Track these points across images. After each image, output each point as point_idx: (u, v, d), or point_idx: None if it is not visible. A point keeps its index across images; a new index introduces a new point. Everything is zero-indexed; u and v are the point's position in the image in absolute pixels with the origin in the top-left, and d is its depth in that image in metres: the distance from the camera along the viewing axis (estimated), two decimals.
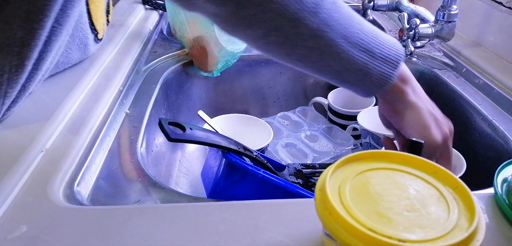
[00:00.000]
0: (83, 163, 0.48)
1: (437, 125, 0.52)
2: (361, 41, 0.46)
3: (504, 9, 0.77)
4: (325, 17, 0.44)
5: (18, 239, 0.36)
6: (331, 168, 0.32)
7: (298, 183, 0.55)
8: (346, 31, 0.45)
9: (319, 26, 0.43)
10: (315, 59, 0.46)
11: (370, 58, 0.47)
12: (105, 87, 0.63)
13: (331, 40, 0.44)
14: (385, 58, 0.48)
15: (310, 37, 0.44)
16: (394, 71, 0.48)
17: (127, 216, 0.39)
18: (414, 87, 0.52)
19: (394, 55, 0.48)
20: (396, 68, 0.49)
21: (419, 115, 0.51)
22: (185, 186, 0.75)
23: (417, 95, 0.52)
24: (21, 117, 0.53)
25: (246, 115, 0.77)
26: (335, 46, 0.45)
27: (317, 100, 0.87)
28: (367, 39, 0.47)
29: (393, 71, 0.48)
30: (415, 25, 0.79)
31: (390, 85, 0.49)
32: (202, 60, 0.81)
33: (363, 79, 0.48)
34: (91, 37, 0.67)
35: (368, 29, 0.47)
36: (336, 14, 0.44)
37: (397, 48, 0.49)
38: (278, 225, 0.37)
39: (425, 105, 0.52)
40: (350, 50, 0.46)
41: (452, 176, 0.32)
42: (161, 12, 1.04)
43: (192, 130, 0.45)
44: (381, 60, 0.48)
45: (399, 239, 0.27)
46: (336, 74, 0.48)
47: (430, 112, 0.52)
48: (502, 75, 0.70)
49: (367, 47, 0.47)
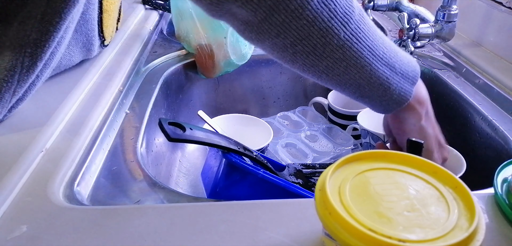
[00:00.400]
0: (83, 163, 0.48)
1: (439, 150, 0.52)
2: (384, 55, 0.46)
3: (504, 9, 0.77)
4: (354, 28, 0.43)
5: (18, 239, 0.36)
6: (331, 168, 0.32)
7: (298, 183, 0.55)
8: (372, 44, 0.44)
9: (349, 38, 0.43)
10: (340, 71, 0.45)
11: (392, 72, 0.46)
12: (105, 87, 0.63)
13: (358, 52, 0.44)
14: (404, 74, 0.47)
15: (338, 48, 0.43)
16: (412, 88, 0.48)
17: (127, 216, 0.39)
18: (428, 111, 0.52)
19: (412, 72, 0.48)
20: (413, 85, 0.48)
21: (426, 141, 0.50)
22: (185, 186, 0.75)
23: (428, 120, 0.52)
24: (21, 117, 0.53)
25: (246, 115, 0.77)
26: (362, 58, 0.44)
27: (317, 100, 0.87)
28: (389, 54, 0.46)
29: (411, 88, 0.48)
30: (415, 25, 0.79)
31: (408, 103, 0.49)
32: (206, 67, 0.81)
33: (384, 95, 0.47)
34: (97, 43, 0.67)
35: (388, 43, 0.47)
36: (364, 26, 0.44)
37: (414, 65, 0.49)
38: (278, 225, 0.37)
39: (434, 132, 0.52)
40: (374, 63, 0.45)
41: (452, 176, 0.32)
42: (161, 12, 1.04)
43: (192, 130, 0.45)
44: (400, 76, 0.47)
45: (399, 239, 0.27)
46: (358, 89, 0.47)
47: (436, 138, 0.53)
48: (502, 75, 0.70)
49: (389, 62, 0.46)
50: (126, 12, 0.94)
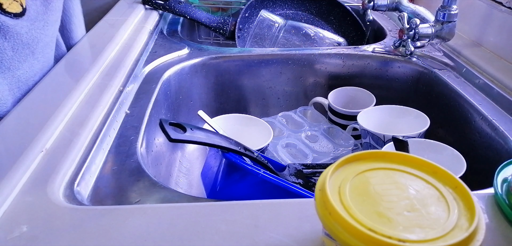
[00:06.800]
0: (83, 163, 0.48)
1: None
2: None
3: (504, 9, 0.77)
4: None
5: (18, 239, 0.36)
6: (331, 168, 0.32)
7: (298, 183, 0.55)
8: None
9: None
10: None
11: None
12: (105, 87, 0.63)
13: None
14: None
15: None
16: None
17: (127, 216, 0.39)
18: None
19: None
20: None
21: None
22: (185, 186, 0.75)
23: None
24: (21, 117, 0.53)
25: (246, 116, 0.77)
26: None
27: (317, 100, 0.87)
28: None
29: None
30: (415, 25, 0.80)
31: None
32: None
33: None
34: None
35: None
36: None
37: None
38: (278, 225, 0.37)
39: None
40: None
41: (452, 176, 0.32)
42: (161, 12, 1.04)
43: (193, 130, 0.45)
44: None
45: (399, 239, 0.27)
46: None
47: None
48: (502, 75, 0.70)
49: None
50: (125, 12, 0.94)
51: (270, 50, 0.90)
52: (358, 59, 0.88)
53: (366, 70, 0.88)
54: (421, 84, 0.84)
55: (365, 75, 0.88)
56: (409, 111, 0.73)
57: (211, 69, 0.87)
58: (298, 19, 1.09)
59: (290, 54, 0.88)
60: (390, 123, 0.73)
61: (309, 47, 0.93)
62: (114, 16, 0.92)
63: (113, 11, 0.96)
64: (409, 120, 0.72)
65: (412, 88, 0.86)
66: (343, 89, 0.84)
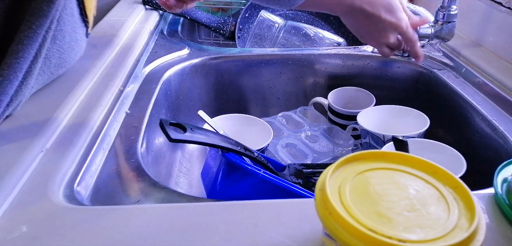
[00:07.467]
0: (83, 163, 0.48)
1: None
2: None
3: (504, 9, 0.77)
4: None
5: (18, 239, 0.36)
6: (331, 168, 0.32)
7: (298, 183, 0.55)
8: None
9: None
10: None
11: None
12: (105, 87, 0.63)
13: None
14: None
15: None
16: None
17: (127, 216, 0.39)
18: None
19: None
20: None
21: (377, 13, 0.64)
22: (185, 186, 0.75)
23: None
24: (21, 117, 0.53)
25: (246, 116, 0.77)
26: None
27: (317, 100, 0.87)
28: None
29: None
30: None
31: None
32: None
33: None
34: (82, 32, 0.64)
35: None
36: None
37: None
38: (278, 225, 0.37)
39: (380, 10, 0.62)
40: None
41: (452, 176, 0.32)
42: (161, 12, 1.04)
43: (193, 130, 0.45)
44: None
45: (399, 239, 0.27)
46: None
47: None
48: (502, 75, 0.70)
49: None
50: (126, 12, 0.94)
51: (270, 50, 0.90)
52: (358, 60, 0.88)
53: (365, 71, 0.88)
54: (421, 84, 0.84)
55: (365, 76, 0.88)
56: (409, 112, 0.73)
57: (211, 69, 0.87)
58: (298, 19, 1.09)
59: (290, 55, 0.88)
60: (390, 123, 0.73)
61: (309, 48, 0.93)
62: (114, 16, 0.92)
63: (113, 11, 0.96)
64: (409, 121, 0.72)
65: (411, 88, 0.86)
66: (343, 89, 0.84)
